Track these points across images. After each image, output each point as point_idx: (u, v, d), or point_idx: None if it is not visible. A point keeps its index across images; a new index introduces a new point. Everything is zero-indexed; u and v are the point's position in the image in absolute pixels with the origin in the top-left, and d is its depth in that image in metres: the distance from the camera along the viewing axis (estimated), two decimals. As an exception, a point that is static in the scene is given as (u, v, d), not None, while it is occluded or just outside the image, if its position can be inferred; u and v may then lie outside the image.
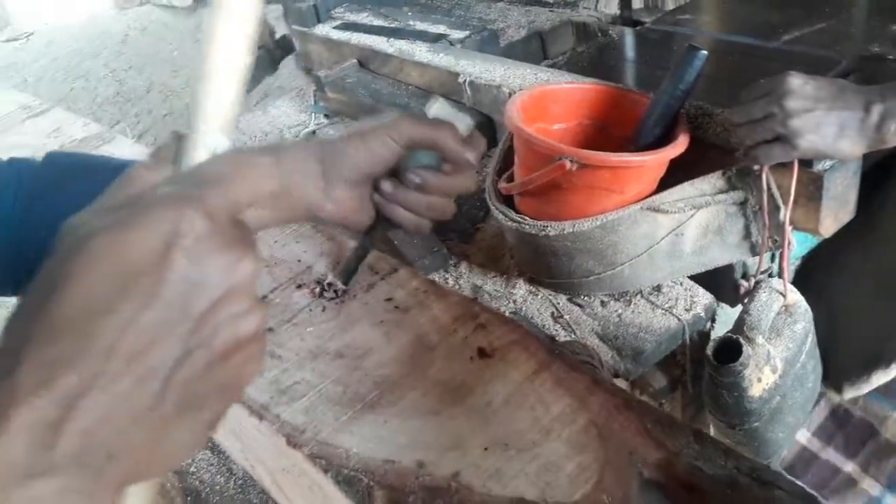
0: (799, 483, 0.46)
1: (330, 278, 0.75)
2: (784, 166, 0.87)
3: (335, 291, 0.73)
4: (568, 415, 0.54)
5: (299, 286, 0.75)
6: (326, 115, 1.68)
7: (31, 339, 0.28)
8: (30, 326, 0.28)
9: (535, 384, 0.58)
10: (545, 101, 1.07)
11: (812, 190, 0.89)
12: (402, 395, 0.60)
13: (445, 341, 0.65)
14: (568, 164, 0.90)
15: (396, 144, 0.50)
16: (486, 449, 0.53)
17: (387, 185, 0.53)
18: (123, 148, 1.24)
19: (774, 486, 0.45)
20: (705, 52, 0.91)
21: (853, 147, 0.78)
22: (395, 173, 0.52)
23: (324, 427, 0.58)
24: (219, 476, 0.99)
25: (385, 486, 0.51)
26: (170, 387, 0.29)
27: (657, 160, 0.93)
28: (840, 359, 1.09)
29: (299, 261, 0.78)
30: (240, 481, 0.97)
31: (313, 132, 1.63)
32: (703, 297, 1.01)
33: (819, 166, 0.87)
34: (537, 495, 0.49)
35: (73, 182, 0.57)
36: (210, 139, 0.37)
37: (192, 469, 1.01)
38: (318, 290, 0.74)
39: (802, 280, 1.06)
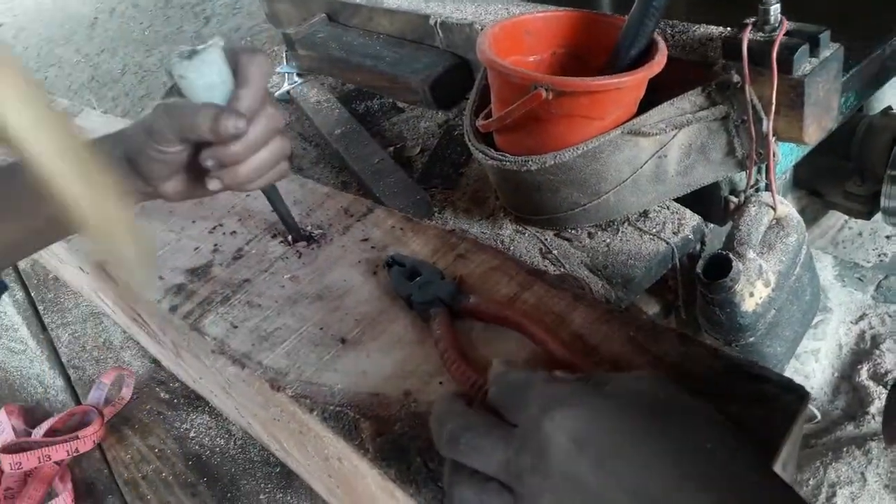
0: (787, 377, 0.45)
1: (307, 228, 0.73)
2: (763, 76, 0.85)
3: (310, 237, 0.71)
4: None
5: (274, 236, 0.74)
6: (299, 74, 1.64)
7: None
8: None
9: (516, 306, 0.56)
10: (518, 32, 1.04)
11: (793, 98, 0.86)
12: (383, 330, 0.58)
13: (426, 275, 0.63)
14: (544, 94, 0.87)
15: (170, 148, 0.56)
16: (470, 373, 0.52)
17: (212, 185, 0.58)
18: (93, 120, 1.21)
19: (763, 380, 0.44)
20: (676, -37, 0.88)
21: None
22: None
23: (307, 368, 0.57)
24: (219, 438, 0.99)
25: (371, 417, 0.51)
26: None
27: (635, 81, 0.90)
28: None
29: (272, 211, 0.76)
30: (239, 441, 0.97)
31: (287, 93, 1.59)
32: (691, 219, 0.99)
33: (799, 72, 0.85)
34: (524, 412, 0.48)
35: None
36: None
37: (192, 434, 1.01)
38: (292, 238, 0.72)
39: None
